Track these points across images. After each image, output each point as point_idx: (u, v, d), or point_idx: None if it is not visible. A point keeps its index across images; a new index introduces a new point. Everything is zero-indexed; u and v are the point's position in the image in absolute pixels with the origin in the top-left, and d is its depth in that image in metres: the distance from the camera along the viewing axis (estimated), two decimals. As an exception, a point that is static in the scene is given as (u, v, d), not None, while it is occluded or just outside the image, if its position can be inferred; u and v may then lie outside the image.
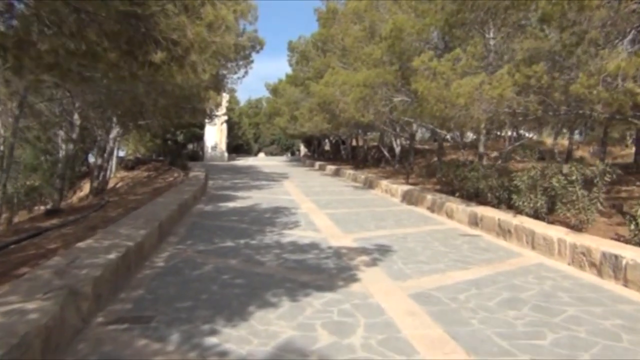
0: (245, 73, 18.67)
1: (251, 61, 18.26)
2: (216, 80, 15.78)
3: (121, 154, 30.63)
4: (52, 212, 11.94)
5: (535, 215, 7.32)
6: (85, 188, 19.43)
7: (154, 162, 26.62)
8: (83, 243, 5.37)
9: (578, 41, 6.69)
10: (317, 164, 27.26)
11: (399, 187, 12.78)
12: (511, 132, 17.22)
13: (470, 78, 8.16)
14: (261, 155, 47.49)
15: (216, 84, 16.09)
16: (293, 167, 27.53)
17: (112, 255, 4.76)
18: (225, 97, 27.68)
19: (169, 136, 30.30)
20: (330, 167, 23.00)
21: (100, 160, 16.56)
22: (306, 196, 12.97)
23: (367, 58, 13.49)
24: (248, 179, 19.02)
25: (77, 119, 13.80)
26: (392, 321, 3.85)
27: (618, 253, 5.02)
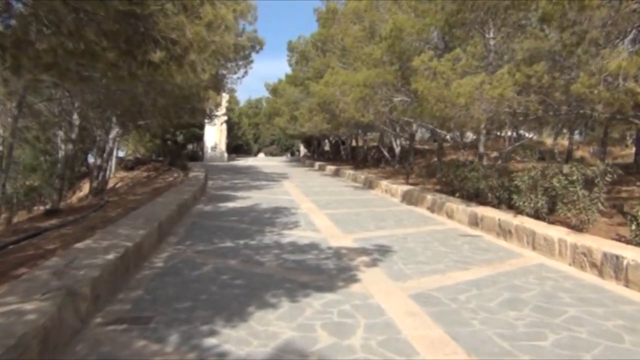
0: (245, 73, 18.66)
1: (251, 61, 18.24)
2: (216, 80, 15.75)
3: (121, 154, 30.64)
4: (51, 213, 11.91)
5: (536, 216, 7.30)
6: (85, 188, 19.40)
7: (153, 163, 26.60)
8: (82, 243, 5.35)
9: (578, 41, 6.67)
10: (317, 164, 27.24)
11: (399, 187, 12.76)
12: (511, 132, 17.20)
13: (470, 78, 8.14)
14: (261, 155, 47.45)
15: (216, 84, 16.07)
16: (293, 168, 27.51)
17: (111, 256, 4.74)
18: (225, 97, 27.66)
19: (169, 136, 30.28)
20: (330, 168, 22.98)
21: (99, 161, 16.54)
22: (306, 196, 12.95)
23: (367, 58, 13.47)
24: (248, 179, 19.00)
25: (76, 119, 13.77)
26: (392, 322, 3.83)
27: (619, 253, 5.00)
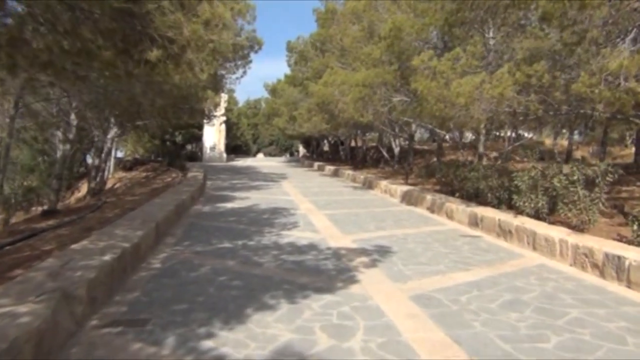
0: (244, 73, 18.60)
1: (250, 61, 18.18)
2: (214, 80, 15.71)
3: (120, 155, 30.61)
4: (49, 213, 11.85)
5: (536, 216, 7.26)
6: (83, 189, 19.33)
7: (152, 163, 26.54)
8: (78, 244, 5.29)
9: (579, 40, 6.63)
10: (316, 164, 27.19)
11: (398, 188, 12.72)
12: (511, 133, 17.17)
13: (470, 77, 8.09)
14: (260, 155, 47.36)
15: (214, 84, 16.03)
16: (292, 168, 27.45)
17: (107, 257, 4.68)
18: (224, 98, 27.67)
19: (168, 137, 30.26)
20: (329, 168, 22.94)
21: (97, 161, 16.47)
22: (305, 197, 12.90)
23: (366, 58, 13.43)
24: (246, 179, 18.95)
25: (74, 119, 13.70)
26: (393, 324, 3.77)
27: (621, 254, 4.96)
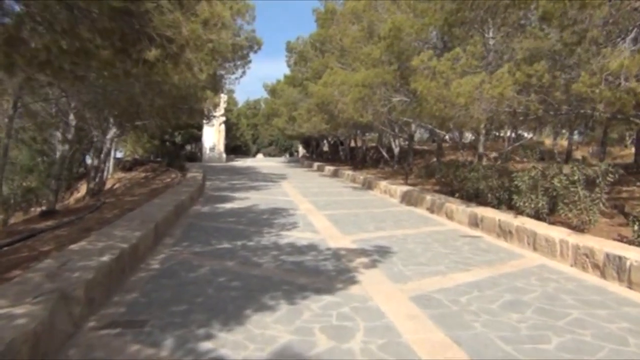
0: (243, 73, 18.63)
1: (249, 61, 18.19)
2: (214, 81, 15.69)
3: (119, 155, 30.57)
4: (47, 214, 11.80)
5: (536, 216, 7.23)
6: (83, 189, 19.28)
7: (151, 163, 26.49)
8: (76, 245, 5.26)
9: (579, 40, 6.61)
10: (316, 164, 27.16)
11: (398, 188, 12.69)
12: (510, 133, 17.16)
13: (470, 77, 8.07)
14: (259, 156, 47.32)
15: (214, 84, 16.01)
16: (291, 168, 27.42)
17: (106, 258, 4.65)
18: (224, 98, 27.64)
19: (167, 137, 30.22)
20: (329, 168, 22.91)
21: (96, 162, 16.42)
22: (304, 197, 12.87)
23: (366, 58, 13.41)
24: (246, 179, 18.92)
25: (73, 120, 13.66)
26: (393, 325, 3.75)
27: (622, 254, 4.94)
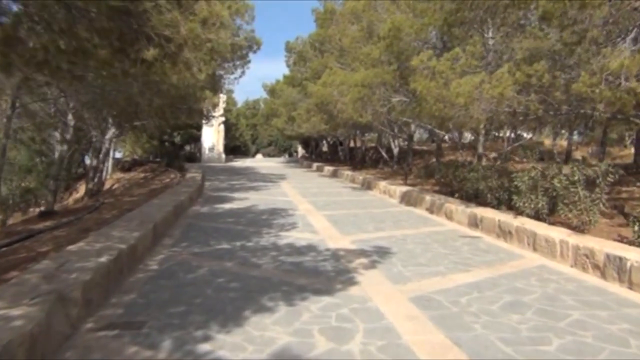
0: (242, 73, 18.59)
1: (248, 61, 18.14)
2: (213, 81, 15.66)
3: (118, 156, 30.52)
4: (46, 214, 11.76)
5: (536, 216, 7.21)
6: (82, 190, 19.24)
7: (150, 164, 26.46)
8: (74, 246, 5.23)
9: (579, 40, 6.60)
10: (315, 165, 27.12)
11: (398, 188, 12.67)
12: (510, 133, 17.15)
13: (470, 77, 8.05)
14: (259, 156, 47.28)
15: (213, 84, 15.97)
16: (291, 169, 27.40)
17: (104, 259, 4.62)
18: (223, 98, 27.59)
19: (166, 137, 30.16)
20: (328, 168, 22.88)
21: (95, 162, 16.38)
22: (304, 197, 12.84)
23: (365, 58, 13.39)
24: (245, 180, 18.89)
25: (72, 120, 13.62)
26: (392, 326, 3.72)
27: (622, 255, 4.92)
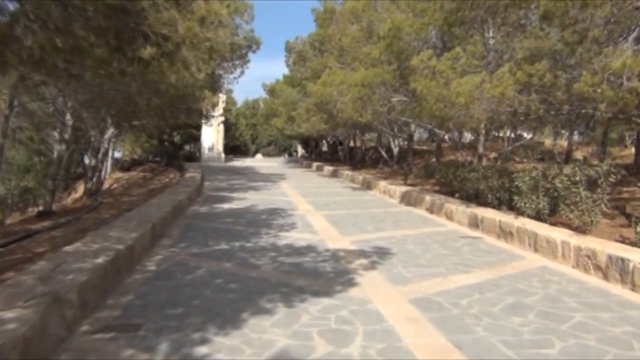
0: (242, 73, 18.47)
1: (247, 61, 18.04)
2: (212, 80, 15.59)
3: (117, 155, 30.46)
4: (44, 214, 11.71)
5: (537, 217, 7.16)
6: (81, 189, 19.19)
7: (150, 163, 26.40)
8: (71, 246, 5.18)
9: (580, 39, 6.55)
10: (315, 165, 27.07)
11: (398, 188, 12.62)
12: (510, 133, 17.10)
13: (470, 77, 8.01)
14: (258, 156, 47.14)
15: (212, 84, 15.91)
16: (290, 168, 27.35)
17: (101, 260, 4.57)
18: (222, 98, 27.47)
19: (166, 137, 30.08)
20: (328, 168, 22.83)
21: (94, 161, 16.32)
22: (303, 197, 12.79)
23: (365, 58, 13.34)
24: (245, 180, 18.84)
25: (70, 119, 13.56)
26: (392, 329, 3.67)
27: (625, 256, 4.87)
